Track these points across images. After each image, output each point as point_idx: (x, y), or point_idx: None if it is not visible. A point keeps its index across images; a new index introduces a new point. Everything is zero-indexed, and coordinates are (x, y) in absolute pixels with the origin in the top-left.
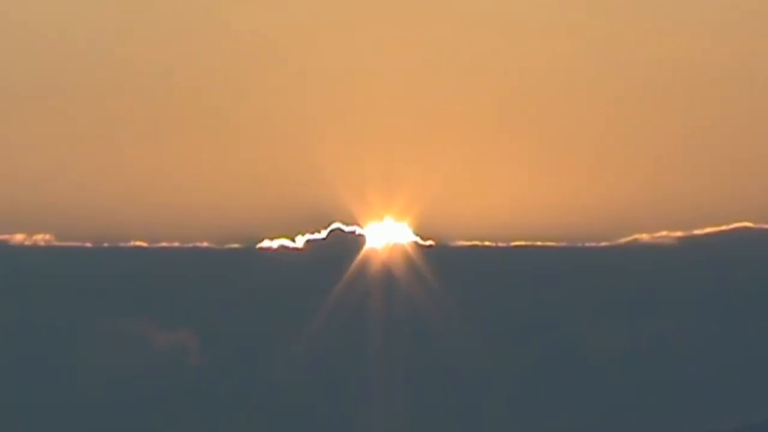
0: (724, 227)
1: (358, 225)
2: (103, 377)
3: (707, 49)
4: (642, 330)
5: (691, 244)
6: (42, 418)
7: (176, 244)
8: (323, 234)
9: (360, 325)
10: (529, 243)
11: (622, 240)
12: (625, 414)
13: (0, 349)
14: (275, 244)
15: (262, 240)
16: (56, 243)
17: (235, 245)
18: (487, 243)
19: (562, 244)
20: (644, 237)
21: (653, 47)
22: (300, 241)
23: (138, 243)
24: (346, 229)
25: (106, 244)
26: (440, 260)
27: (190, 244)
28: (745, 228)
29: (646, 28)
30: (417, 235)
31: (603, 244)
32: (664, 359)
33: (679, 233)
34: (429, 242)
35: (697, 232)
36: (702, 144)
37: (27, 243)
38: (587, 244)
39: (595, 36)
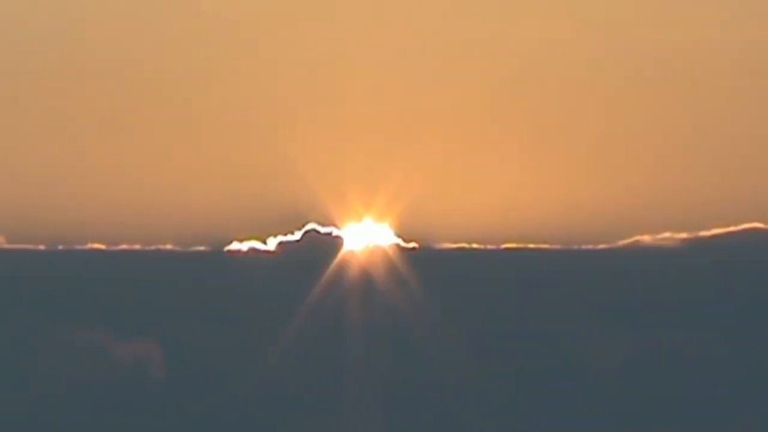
0: (732, 228)
1: (335, 226)
2: (60, 390)
3: (711, 41)
4: (642, 339)
5: (696, 246)
6: None
7: (137, 246)
8: (297, 235)
9: (337, 334)
10: (520, 245)
11: (622, 242)
12: (625, 430)
13: None
14: (245, 246)
15: (231, 242)
16: (7, 245)
17: (202, 248)
18: (475, 245)
19: (557, 246)
20: (646, 239)
21: (655, 37)
22: (272, 243)
23: (96, 245)
24: (322, 230)
25: (60, 247)
26: (424, 264)
27: (153, 247)
28: (756, 229)
29: (644, 19)
30: (399, 236)
31: (601, 246)
32: (666, 369)
33: (683, 234)
34: (412, 244)
35: (703, 233)
36: (708, 138)
37: None
38: (584, 247)
39: (592, 25)
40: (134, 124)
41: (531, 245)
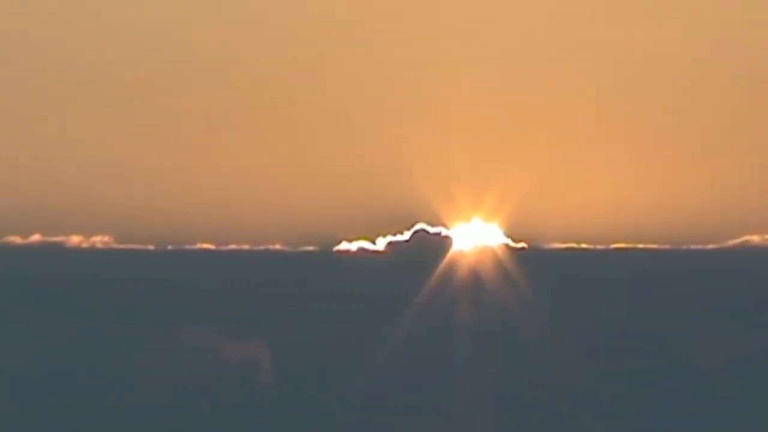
0: None
1: (445, 226)
2: (168, 390)
3: None
4: (752, 339)
5: None
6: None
7: (246, 246)
8: (406, 235)
9: (446, 335)
10: (629, 245)
11: (731, 242)
12: (735, 430)
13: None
14: (354, 246)
15: (340, 242)
16: (116, 246)
17: (311, 248)
18: (584, 245)
19: (666, 246)
20: (755, 238)
21: (763, 36)
22: (381, 243)
23: (205, 245)
24: (431, 230)
25: (170, 247)
26: (533, 264)
27: (262, 247)
28: None
29: (752, 18)
30: (508, 236)
31: (710, 246)
32: None
33: None
34: (521, 244)
35: None
36: None
37: (84, 245)
38: (693, 247)
39: (699, 24)
40: (243, 124)
41: (640, 245)
